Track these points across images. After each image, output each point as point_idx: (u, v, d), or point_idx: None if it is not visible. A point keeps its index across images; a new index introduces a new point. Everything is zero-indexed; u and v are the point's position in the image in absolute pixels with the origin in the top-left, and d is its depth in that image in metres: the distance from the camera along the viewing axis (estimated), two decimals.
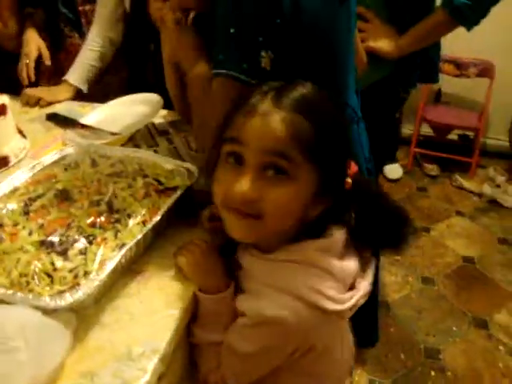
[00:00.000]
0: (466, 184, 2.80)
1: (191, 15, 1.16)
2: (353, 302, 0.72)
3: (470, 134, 3.02)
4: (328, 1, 0.90)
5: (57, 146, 1.19)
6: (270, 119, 0.66)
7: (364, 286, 0.76)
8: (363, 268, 0.78)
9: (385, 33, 1.40)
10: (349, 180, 0.74)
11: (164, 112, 1.41)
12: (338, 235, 0.74)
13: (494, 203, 2.68)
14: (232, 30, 0.82)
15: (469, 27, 1.38)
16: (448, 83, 2.84)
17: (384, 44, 1.39)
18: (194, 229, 0.93)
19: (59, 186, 0.93)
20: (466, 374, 1.75)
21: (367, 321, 0.80)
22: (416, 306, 2.04)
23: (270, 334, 0.71)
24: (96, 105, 1.47)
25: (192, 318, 0.80)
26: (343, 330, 0.84)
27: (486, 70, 2.77)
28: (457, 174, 2.88)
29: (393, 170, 2.88)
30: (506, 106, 2.76)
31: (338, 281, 0.72)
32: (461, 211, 2.63)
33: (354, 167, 0.76)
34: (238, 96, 0.75)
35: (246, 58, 0.83)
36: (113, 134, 1.25)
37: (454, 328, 1.93)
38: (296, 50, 0.86)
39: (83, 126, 1.32)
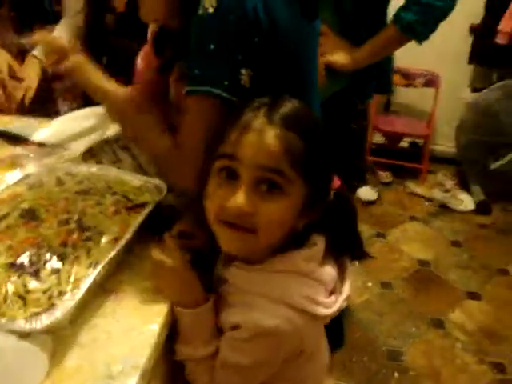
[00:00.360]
0: (418, 190, 2.91)
1: (151, 28, 1.16)
2: (338, 305, 0.76)
3: (420, 141, 3.16)
4: (299, 19, 0.92)
5: (6, 166, 1.15)
6: (265, 135, 0.68)
7: (345, 289, 0.79)
8: (341, 272, 0.81)
9: (340, 46, 1.46)
10: (331, 195, 0.78)
11: None
12: (320, 244, 0.77)
13: (444, 207, 2.80)
14: (212, 47, 0.80)
15: (419, 41, 1.46)
16: (397, 93, 2.96)
17: (340, 57, 1.45)
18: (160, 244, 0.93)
19: (25, 206, 0.91)
20: (427, 372, 1.82)
21: (334, 325, 0.82)
22: (376, 309, 2.10)
23: (267, 344, 0.72)
24: (48, 119, 1.42)
25: (173, 337, 0.80)
26: (322, 334, 0.87)
27: (431, 81, 2.91)
28: (409, 181, 3.00)
29: (366, 192, 2.87)
30: (452, 114, 2.90)
31: (324, 286, 0.75)
32: (414, 216, 2.74)
33: (337, 181, 0.80)
34: (214, 121, 0.76)
35: (226, 75, 0.81)
36: (65, 149, 1.22)
37: (414, 329, 2.00)
38: (271, 67, 0.87)
39: (37, 143, 1.28)
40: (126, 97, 1.05)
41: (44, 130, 1.35)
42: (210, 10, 0.78)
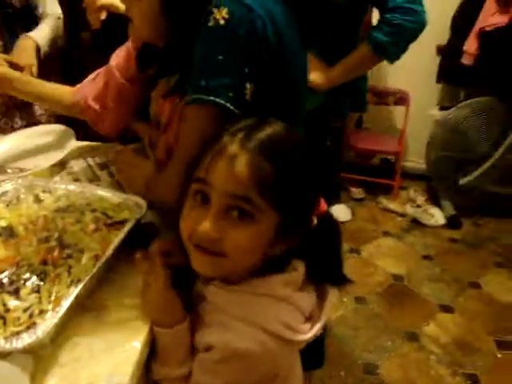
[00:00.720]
0: (390, 205, 2.97)
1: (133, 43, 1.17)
2: (314, 331, 0.76)
3: (391, 157, 3.23)
4: (298, 43, 0.96)
5: None
6: (235, 163, 0.67)
7: (323, 316, 0.79)
8: (320, 298, 0.81)
9: (316, 66, 1.50)
10: (314, 219, 0.77)
11: (100, 144, 1.40)
12: (300, 269, 0.77)
13: (416, 222, 2.86)
14: (220, 58, 0.81)
15: (391, 61, 1.51)
16: (368, 111, 3.03)
17: (316, 77, 1.48)
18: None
19: (2, 224, 0.90)
20: None
21: (314, 345, 0.83)
22: (352, 324, 2.12)
23: (238, 367, 0.72)
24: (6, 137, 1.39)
25: (151, 354, 0.79)
26: (297, 358, 0.87)
27: (402, 99, 2.99)
28: (381, 196, 3.05)
29: (340, 211, 2.83)
30: (422, 131, 2.98)
31: (301, 312, 0.75)
32: (387, 231, 2.79)
33: (323, 206, 0.80)
34: (211, 133, 0.76)
35: (232, 86, 0.83)
36: (21, 169, 1.19)
37: (389, 343, 2.02)
38: (272, 84, 0.89)
39: None
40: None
41: None
42: (221, 22, 0.81)
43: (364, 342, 2.03)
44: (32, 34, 1.65)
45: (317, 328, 0.77)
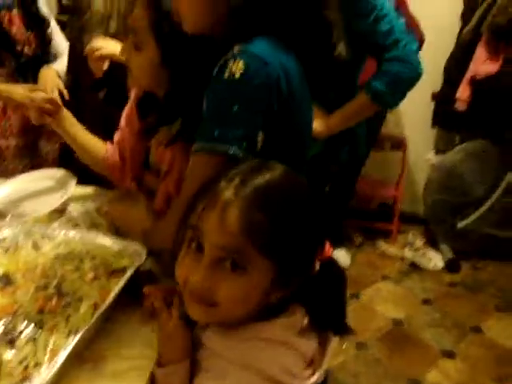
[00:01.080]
0: (389, 249, 2.96)
1: (134, 92, 1.20)
2: (315, 377, 0.73)
3: (389, 201, 3.24)
4: (307, 96, 0.99)
5: None
6: (227, 213, 0.65)
7: (325, 363, 0.77)
8: (323, 344, 0.79)
9: (317, 114, 1.52)
10: (317, 264, 0.75)
11: (100, 190, 1.41)
12: (299, 313, 0.75)
13: (414, 266, 2.84)
14: (235, 109, 0.83)
15: (389, 109, 1.54)
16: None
17: (316, 125, 1.51)
18: (138, 309, 0.91)
19: (0, 271, 0.90)
20: None
21: None
22: (352, 370, 2.07)
23: None
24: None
25: None
26: None
27: (398, 144, 3.03)
28: (380, 241, 3.04)
29: (340, 257, 2.71)
30: (419, 175, 3.00)
31: (301, 357, 0.73)
32: (386, 275, 2.76)
33: (328, 251, 0.77)
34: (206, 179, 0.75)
35: (246, 137, 0.84)
36: (20, 215, 1.18)
37: None
38: (281, 133, 0.91)
39: None
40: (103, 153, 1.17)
41: None
42: (237, 76, 0.83)
43: None
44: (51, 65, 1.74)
45: (318, 374, 0.74)
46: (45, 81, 1.68)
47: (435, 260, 2.83)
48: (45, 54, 1.79)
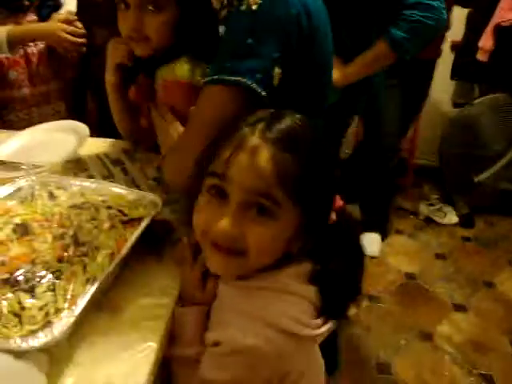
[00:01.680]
0: (403, 204, 2.94)
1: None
2: (327, 326, 0.73)
3: (404, 155, 3.19)
4: (329, 30, 0.95)
5: None
6: (258, 157, 0.65)
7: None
8: None
9: (333, 63, 1.48)
10: (333, 215, 0.74)
11: (114, 141, 1.40)
12: (306, 263, 0.74)
13: (429, 220, 2.83)
14: (249, 41, 0.81)
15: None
16: None
17: (333, 73, 1.46)
18: (155, 258, 0.92)
19: (17, 220, 0.89)
20: None
21: (328, 349, 0.83)
22: (365, 323, 2.10)
23: (246, 362, 0.70)
24: (12, 132, 1.39)
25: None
26: (316, 355, 0.82)
27: None
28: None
29: (369, 242, 2.53)
30: (435, 129, 2.94)
31: (311, 306, 0.72)
32: (400, 230, 2.76)
33: (339, 201, 0.76)
34: (230, 116, 0.75)
35: (260, 69, 0.81)
36: (35, 166, 1.16)
37: (402, 342, 2.00)
38: (300, 72, 0.88)
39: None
40: None
41: (6, 145, 1.30)
42: (254, 7, 0.80)
43: (377, 341, 2.01)
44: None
45: (330, 324, 0.74)
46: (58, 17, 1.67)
47: (450, 215, 2.81)
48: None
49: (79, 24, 1.61)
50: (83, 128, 1.32)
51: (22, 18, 1.66)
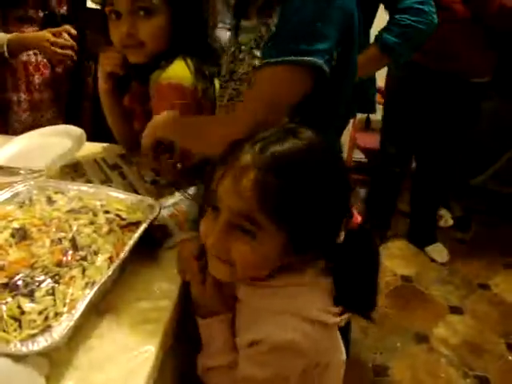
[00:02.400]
0: (399, 206, 2.95)
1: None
2: (345, 316, 0.76)
3: None
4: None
5: None
6: (243, 179, 0.65)
7: None
8: None
9: None
10: (342, 235, 0.73)
11: (110, 146, 1.40)
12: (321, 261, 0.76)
13: None
14: (318, 24, 0.84)
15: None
16: (376, 112, 3.01)
17: None
18: (154, 262, 0.93)
19: (16, 225, 0.90)
20: None
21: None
22: (362, 326, 2.10)
23: (285, 357, 0.71)
24: (8, 137, 1.40)
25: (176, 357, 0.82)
26: (339, 342, 0.84)
27: None
28: None
29: (437, 252, 2.62)
30: None
31: (329, 295, 0.75)
32: (396, 232, 2.77)
33: (356, 218, 0.75)
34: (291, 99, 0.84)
35: (327, 51, 0.86)
36: (33, 171, 1.17)
37: (399, 344, 2.01)
38: (345, 56, 0.92)
39: None
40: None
41: (3, 150, 1.30)
42: None
43: (374, 343, 2.01)
44: None
45: (347, 314, 0.77)
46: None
47: (445, 217, 2.82)
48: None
49: (66, 36, 1.63)
50: (80, 132, 1.33)
51: (26, 28, 1.71)
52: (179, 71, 1.10)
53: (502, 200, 2.86)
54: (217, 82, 1.16)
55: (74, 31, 1.67)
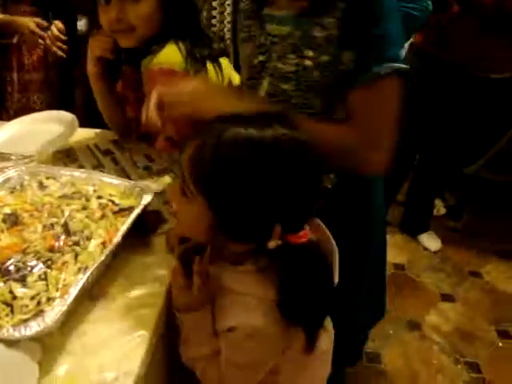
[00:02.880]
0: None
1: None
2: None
3: None
4: None
5: None
6: (191, 146, 0.69)
7: None
8: None
9: None
10: (273, 242, 0.69)
11: (103, 131, 1.39)
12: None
13: None
14: (399, 28, 0.86)
15: None
16: None
17: None
18: (147, 248, 0.93)
19: (7, 210, 0.89)
20: (405, 374, 1.84)
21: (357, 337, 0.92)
22: None
23: (259, 343, 0.71)
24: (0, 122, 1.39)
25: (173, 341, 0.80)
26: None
27: None
28: None
29: (429, 240, 2.61)
30: None
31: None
32: (389, 221, 2.77)
33: (305, 235, 0.71)
34: None
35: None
36: (24, 156, 1.16)
37: (391, 332, 2.02)
38: None
39: None
40: None
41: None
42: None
43: None
44: None
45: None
46: None
47: (438, 206, 2.83)
48: None
49: (54, 30, 1.66)
50: (71, 118, 1.31)
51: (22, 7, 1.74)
52: (170, 56, 1.09)
53: (495, 188, 2.87)
54: (209, 65, 1.14)
55: (61, 26, 1.67)
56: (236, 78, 1.19)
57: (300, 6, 0.86)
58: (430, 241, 2.59)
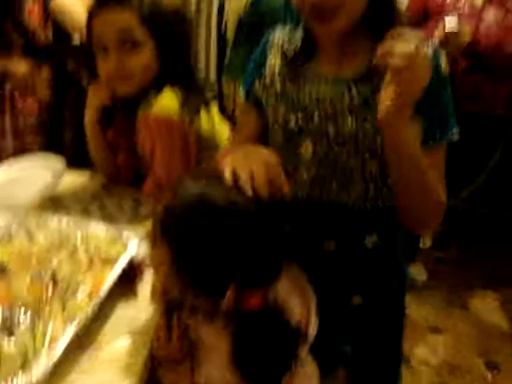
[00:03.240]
0: None
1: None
2: None
3: None
4: None
5: None
6: None
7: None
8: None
9: None
10: (225, 303, 0.69)
11: (91, 174, 1.41)
12: None
13: None
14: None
15: None
16: None
17: None
18: (134, 295, 0.94)
19: None
20: None
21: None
22: None
23: None
24: None
25: None
26: None
27: None
28: None
29: (416, 272, 2.61)
30: None
31: None
32: None
33: (256, 300, 0.71)
34: None
35: None
36: (11, 205, 1.16)
37: None
38: None
39: None
40: None
41: None
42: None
43: None
44: None
45: None
46: None
47: (424, 238, 2.86)
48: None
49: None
50: (58, 162, 1.33)
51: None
52: (166, 105, 1.12)
53: (480, 220, 2.91)
54: (203, 113, 1.18)
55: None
56: (222, 125, 1.24)
57: (358, 70, 0.86)
58: (416, 272, 2.62)
